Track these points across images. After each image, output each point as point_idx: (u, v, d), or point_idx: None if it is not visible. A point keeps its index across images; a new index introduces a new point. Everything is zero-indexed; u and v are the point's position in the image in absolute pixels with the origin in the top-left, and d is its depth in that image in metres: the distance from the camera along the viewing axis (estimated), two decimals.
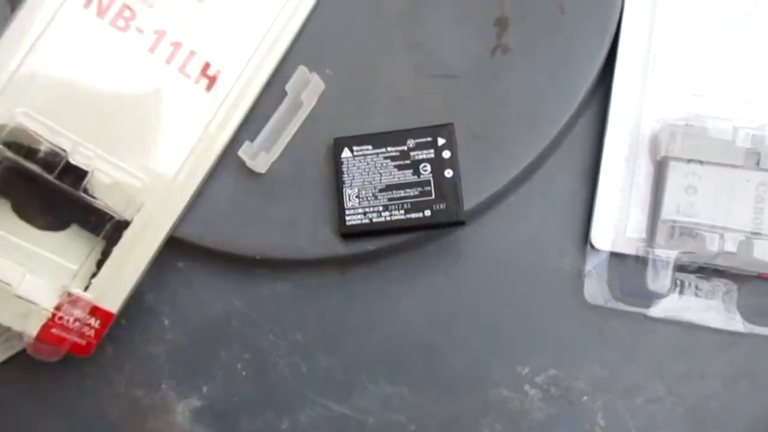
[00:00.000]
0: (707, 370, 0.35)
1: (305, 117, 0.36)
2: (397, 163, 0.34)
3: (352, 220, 0.34)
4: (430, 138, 0.34)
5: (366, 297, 0.36)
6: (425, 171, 0.34)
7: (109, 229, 0.33)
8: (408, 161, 0.34)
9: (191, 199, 0.35)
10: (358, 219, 0.34)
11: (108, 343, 0.36)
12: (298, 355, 0.36)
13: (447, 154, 0.34)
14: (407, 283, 0.36)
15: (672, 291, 0.34)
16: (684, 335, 0.35)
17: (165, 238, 0.35)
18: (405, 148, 0.34)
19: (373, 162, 0.34)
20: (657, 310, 0.35)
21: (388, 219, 0.34)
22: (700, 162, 0.34)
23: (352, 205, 0.34)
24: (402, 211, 0.34)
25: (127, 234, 0.34)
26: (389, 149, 0.34)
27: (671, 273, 0.33)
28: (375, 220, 0.34)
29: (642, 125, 0.35)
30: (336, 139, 0.35)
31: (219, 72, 0.35)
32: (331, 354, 0.36)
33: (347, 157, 0.35)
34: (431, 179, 0.34)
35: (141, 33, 0.34)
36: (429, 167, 0.34)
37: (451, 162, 0.34)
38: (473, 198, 0.34)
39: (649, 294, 0.34)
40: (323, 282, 0.36)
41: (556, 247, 0.36)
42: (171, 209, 0.35)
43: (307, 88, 0.35)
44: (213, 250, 0.35)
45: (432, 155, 0.34)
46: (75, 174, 0.32)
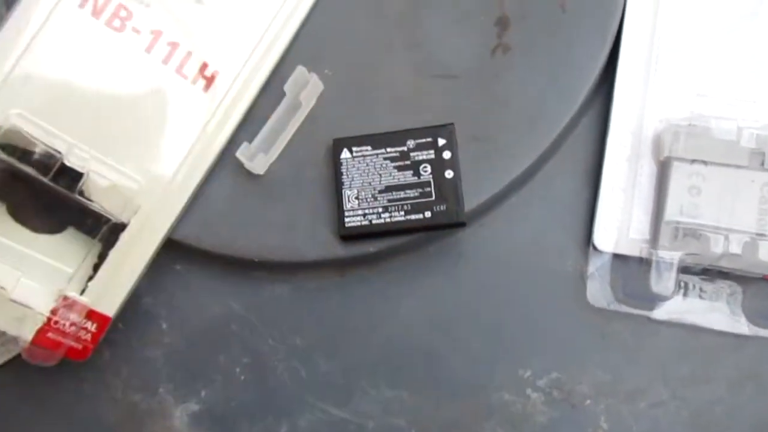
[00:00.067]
0: (712, 373, 0.34)
1: (304, 117, 0.36)
2: (397, 164, 0.34)
3: (351, 221, 0.34)
4: (430, 138, 0.34)
5: (366, 299, 0.36)
6: (425, 172, 0.34)
7: (106, 232, 0.33)
8: (408, 162, 0.34)
9: (189, 201, 0.35)
10: (357, 220, 0.34)
11: (105, 347, 0.36)
12: (297, 359, 0.36)
13: (447, 154, 0.34)
14: (407, 285, 0.36)
15: (676, 293, 0.34)
16: (688, 338, 0.34)
17: (162, 240, 0.35)
18: (405, 148, 0.34)
19: (373, 163, 0.34)
20: (660, 312, 0.34)
21: (388, 220, 0.34)
22: (703, 162, 0.33)
23: (351, 207, 0.34)
24: (402, 213, 0.33)
25: (124, 236, 0.33)
26: (389, 150, 0.34)
27: (675, 275, 0.33)
28: (375, 221, 0.34)
29: (645, 125, 0.35)
30: (335, 140, 0.35)
31: (217, 72, 0.35)
32: (331, 358, 0.36)
33: (346, 158, 0.34)
34: (431, 180, 0.34)
35: (137, 33, 0.34)
36: (429, 168, 0.34)
37: (452, 163, 0.34)
38: (474, 199, 0.34)
39: (653, 296, 0.34)
40: (322, 284, 0.36)
41: (558, 249, 0.36)
42: (168, 211, 0.34)
43: (306, 88, 0.35)
44: (211, 252, 0.35)
45: (432, 156, 0.34)
46: (70, 176, 0.32)
